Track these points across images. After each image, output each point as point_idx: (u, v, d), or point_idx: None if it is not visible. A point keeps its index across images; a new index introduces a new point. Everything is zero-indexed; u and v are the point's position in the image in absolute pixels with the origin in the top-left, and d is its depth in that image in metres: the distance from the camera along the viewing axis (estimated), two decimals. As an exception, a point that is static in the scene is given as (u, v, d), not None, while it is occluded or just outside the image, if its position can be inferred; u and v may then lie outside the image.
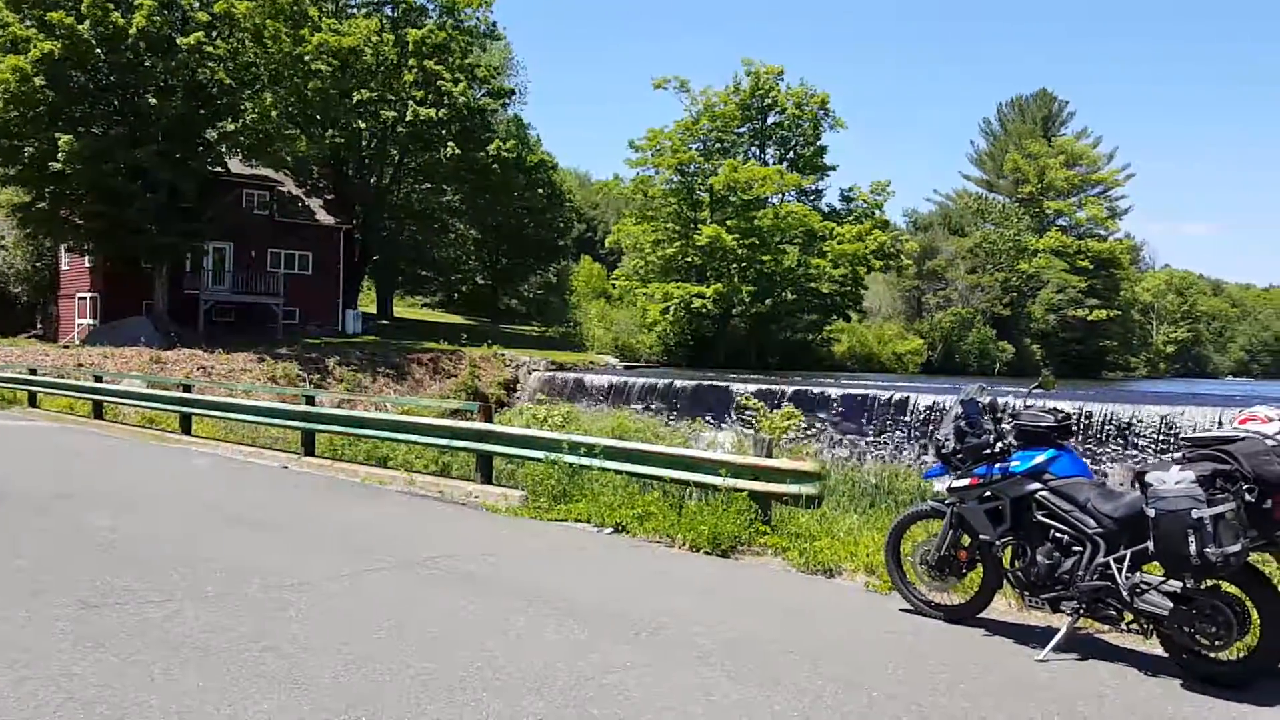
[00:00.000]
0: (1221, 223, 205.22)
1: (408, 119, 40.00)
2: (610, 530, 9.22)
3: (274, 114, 35.66)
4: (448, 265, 55.66)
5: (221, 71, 33.54)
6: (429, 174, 45.22)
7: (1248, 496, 4.80)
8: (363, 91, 40.07)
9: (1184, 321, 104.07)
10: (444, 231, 49.92)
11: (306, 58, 37.90)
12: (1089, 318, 64.73)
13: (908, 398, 20.78)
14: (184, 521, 9.02)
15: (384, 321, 47.77)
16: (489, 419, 12.25)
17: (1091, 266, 65.77)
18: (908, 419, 20.33)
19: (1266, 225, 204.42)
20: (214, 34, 33.84)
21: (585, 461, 10.29)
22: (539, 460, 10.87)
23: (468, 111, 42.01)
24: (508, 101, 50.20)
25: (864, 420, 21.11)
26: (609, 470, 10.15)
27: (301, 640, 5.30)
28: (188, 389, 19.04)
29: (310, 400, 15.80)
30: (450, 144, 41.41)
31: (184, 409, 17.79)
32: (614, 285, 51.66)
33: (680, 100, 50.42)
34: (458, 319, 52.73)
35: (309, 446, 14.87)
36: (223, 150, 36.53)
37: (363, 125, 41.59)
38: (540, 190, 50.89)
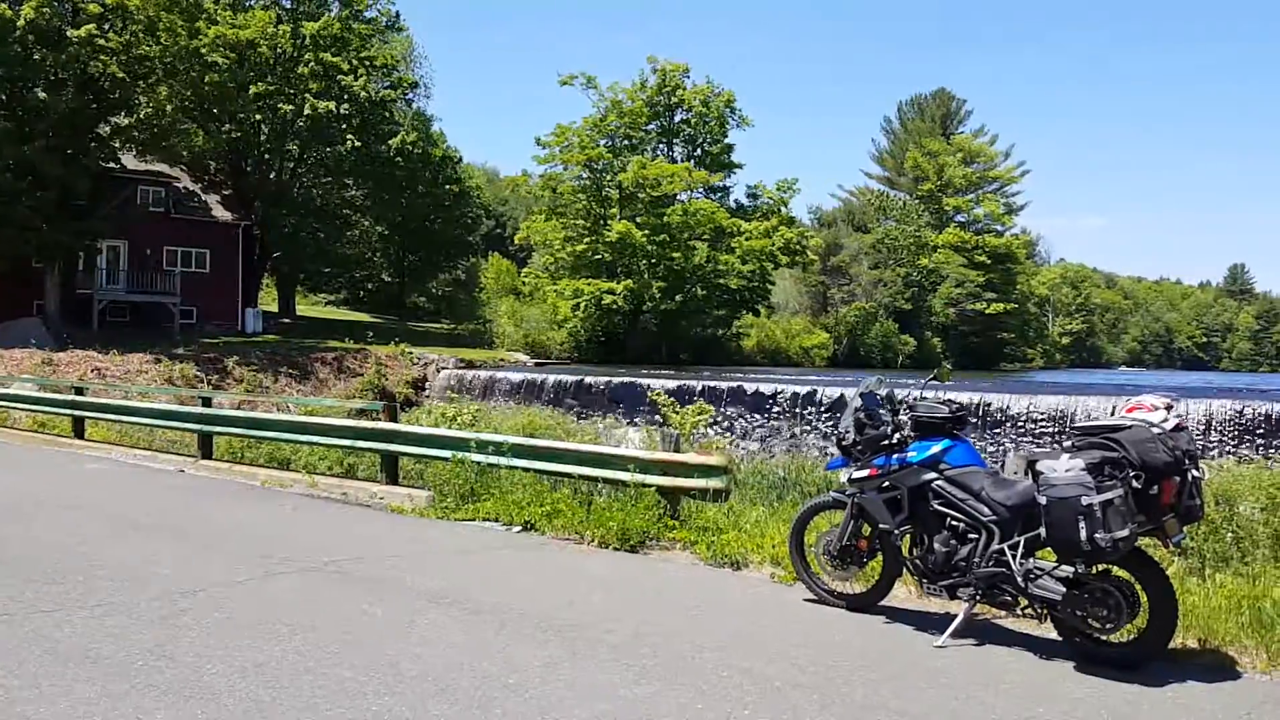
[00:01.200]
0: (1115, 216, 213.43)
1: (306, 112, 39.12)
2: (519, 529, 9.18)
3: (169, 108, 34.54)
4: (352, 262, 54.64)
5: (114, 65, 32.31)
6: (330, 169, 44.33)
7: (1135, 483, 4.96)
8: (260, 85, 39.06)
9: (1078, 314, 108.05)
10: (347, 228, 48.99)
11: (203, 50, 36.78)
12: (987, 311, 66.67)
13: (814, 391, 21.12)
14: (75, 528, 8.70)
15: (286, 320, 46.71)
16: (394, 418, 12.08)
17: (989, 261, 67.78)
18: (815, 412, 20.66)
19: (1157, 218, 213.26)
20: (106, 26, 32.57)
21: (494, 460, 10.22)
22: (446, 459, 10.75)
23: (368, 105, 41.29)
24: (410, 95, 49.50)
25: (773, 414, 21.39)
26: (518, 468, 10.11)
27: (198, 648, 5.17)
28: (81, 391, 18.38)
29: (207, 402, 15.39)
30: (350, 138, 40.65)
31: (77, 412, 17.17)
32: (524, 282, 51.34)
33: (588, 97, 50.22)
34: (363, 317, 51.83)
35: (206, 449, 14.49)
36: (116, 145, 35.25)
37: (260, 119, 40.55)
38: (447, 186, 50.29)
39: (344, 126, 40.97)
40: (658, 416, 19.08)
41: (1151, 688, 4.87)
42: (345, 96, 40.31)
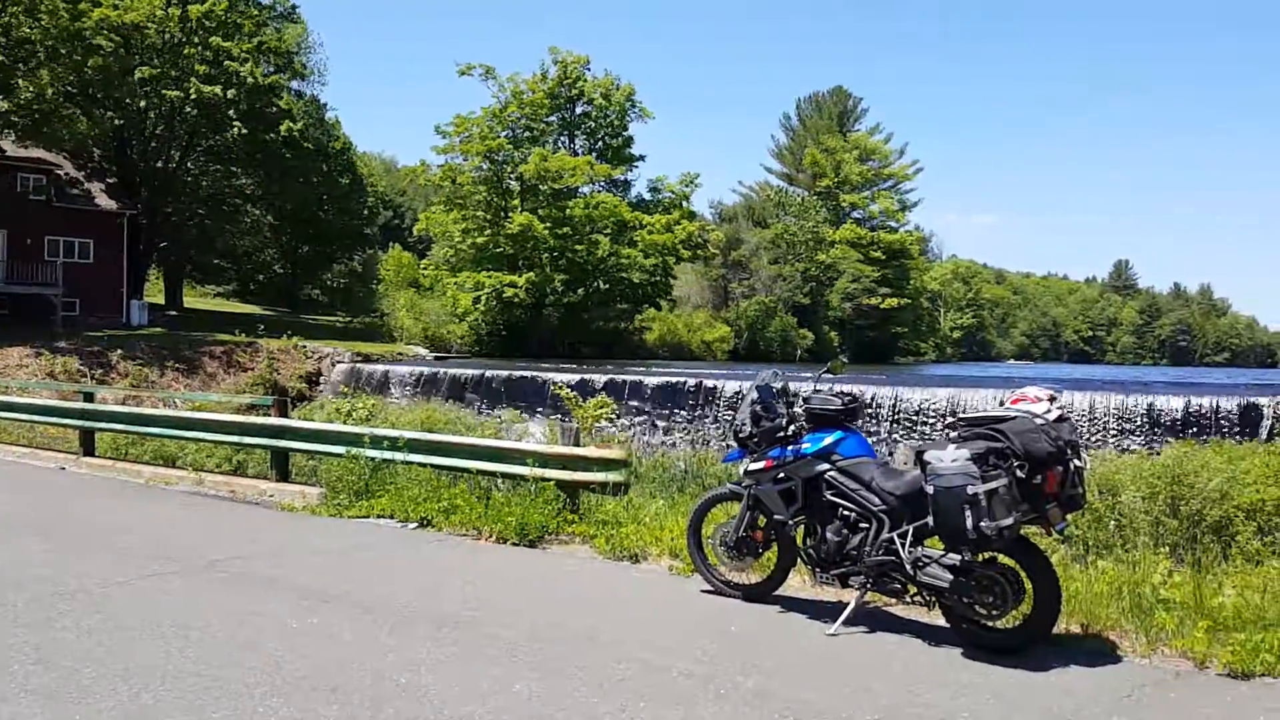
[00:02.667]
0: (1005, 214, 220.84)
1: (192, 97, 37.77)
2: (414, 525, 9.03)
3: (50, 92, 32.92)
4: (242, 253, 53.04)
5: (-8, 47, 30.73)
6: (219, 156, 42.90)
7: (1019, 472, 5.08)
8: (145, 69, 37.57)
9: (969, 308, 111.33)
10: (237, 217, 47.47)
11: (86, 33, 35.18)
12: (882, 305, 68.20)
13: (715, 384, 21.30)
14: (-61, 533, 8.24)
15: (173, 313, 45.11)
16: (284, 413, 11.78)
17: (884, 257, 69.35)
18: (716, 405, 20.84)
19: (1046, 216, 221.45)
20: (-16, 8, 30.97)
21: (388, 455, 10.03)
22: (339, 455, 10.51)
23: (256, 91, 40.09)
24: (304, 82, 48.23)
25: (675, 407, 21.50)
26: (414, 464, 9.94)
27: (76, 652, 4.95)
28: (-51, 387, 17.45)
29: (90, 397, 14.77)
30: (237, 125, 39.41)
31: (-53, 409, 16.28)
32: (424, 274, 50.55)
33: (487, 88, 49.61)
34: (255, 309, 50.37)
35: (89, 446, 13.95)
36: (-5, 131, 33.59)
37: (146, 104, 39.02)
38: (342, 177, 49.16)
39: (231, 112, 39.68)
40: (560, 410, 19.01)
41: (1036, 672, 5.01)
42: (233, 82, 39.06)
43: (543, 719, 4.23)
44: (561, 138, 50.35)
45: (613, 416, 20.23)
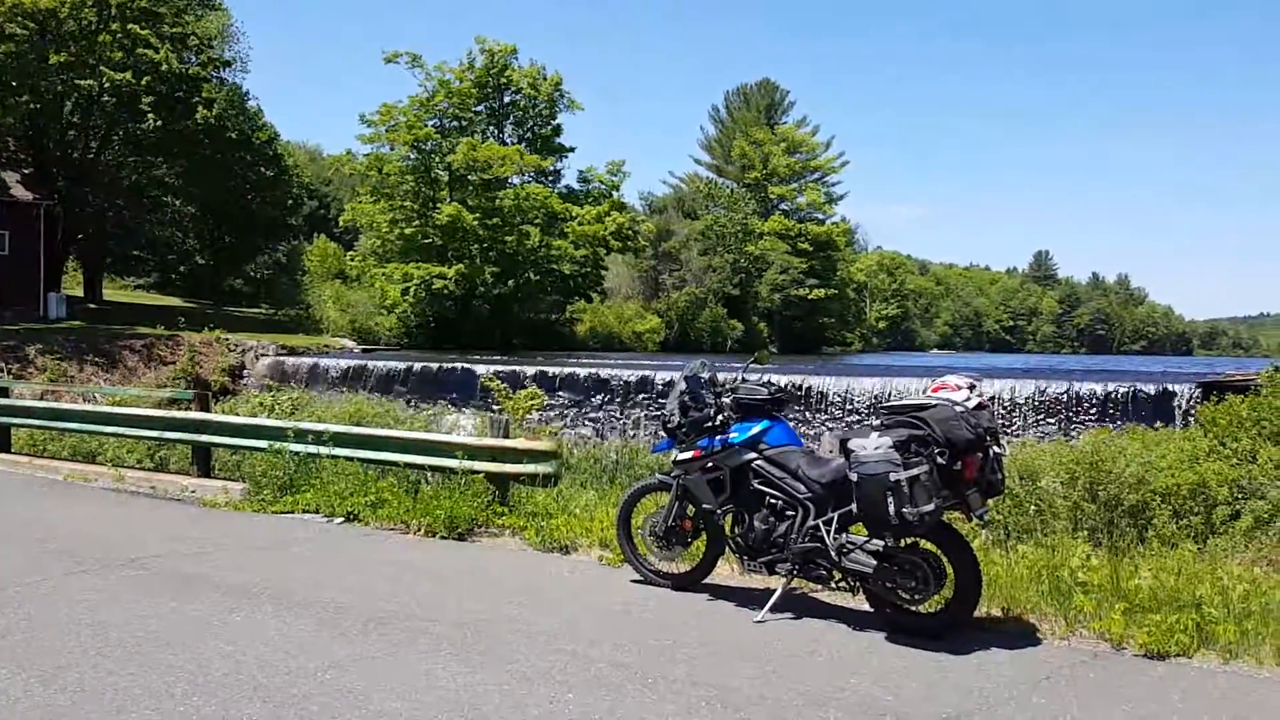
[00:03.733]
0: (928, 206, 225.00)
1: (108, 85, 36.60)
2: (340, 520, 8.90)
3: (-41, 80, 31.68)
4: (163, 244, 51.57)
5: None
6: (138, 146, 41.63)
7: (940, 459, 5.18)
8: (60, 55, 36.29)
9: (894, 299, 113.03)
10: (158, 208, 46.15)
11: (-2, 20, 33.92)
12: (809, 296, 68.91)
13: (646, 375, 21.33)
14: None
15: (92, 305, 43.68)
16: (206, 407, 11.53)
17: (811, 249, 70.04)
18: (647, 396, 20.87)
19: (967, 208, 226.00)
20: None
21: (313, 450, 9.86)
22: (263, 450, 10.31)
23: (176, 80, 38.99)
24: (226, 71, 47.00)
25: (606, 398, 21.49)
26: (340, 458, 9.78)
27: (-17, 658, 4.79)
28: None
29: (5, 392, 14.39)
30: (155, 115, 38.29)
31: None
32: (351, 265, 49.66)
33: (414, 76, 48.84)
34: (176, 302, 49.00)
35: (4, 443, 13.57)
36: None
37: (63, 92, 37.70)
38: (265, 166, 48.06)
39: (150, 101, 38.53)
40: (491, 402, 18.86)
41: (957, 655, 5.11)
42: (151, 70, 37.92)
43: (471, 713, 4.19)
44: (490, 127, 49.83)
45: (543, 408, 20.16)
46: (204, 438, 11.03)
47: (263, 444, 10.32)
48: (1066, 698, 4.51)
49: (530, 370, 22.68)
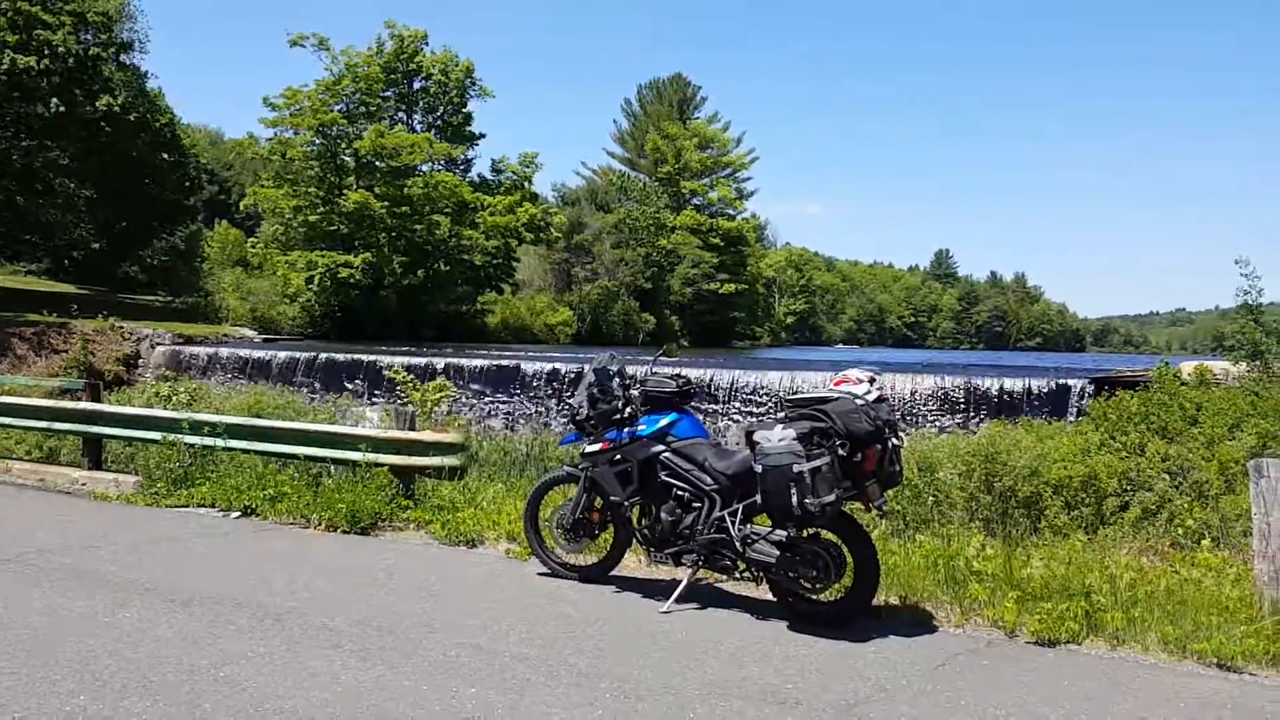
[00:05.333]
0: (834, 203, 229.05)
1: (4, 67, 34.89)
2: (237, 514, 8.66)
3: None
4: (55, 229, 49.43)
5: None
6: (30, 129, 39.81)
7: (841, 451, 5.27)
8: (-55, 32, 34.50)
9: (801, 295, 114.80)
10: (50, 193, 44.23)
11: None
12: (720, 291, 69.49)
13: (557, 367, 21.25)
14: None
15: (-23, 291, 41.74)
16: (97, 398, 11.09)
17: (722, 244, 70.63)
18: (559, 388, 20.80)
19: (871, 206, 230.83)
20: None
21: (210, 442, 9.57)
22: (158, 442, 9.98)
23: (73, 62, 37.38)
24: (125, 52, 45.24)
25: (517, 390, 21.35)
26: (238, 450, 9.52)
27: None
28: None
29: (-124, 382, 13.56)
30: (54, 97, 36.65)
31: None
32: (252, 252, 48.31)
33: (320, 59, 47.59)
34: (69, 288, 47.00)
35: (-123, 435, 12.77)
36: None
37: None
38: (164, 150, 46.41)
39: (45, 84, 36.85)
40: (400, 395, 18.58)
41: (856, 643, 5.21)
42: (46, 51, 36.28)
43: (368, 709, 4.12)
44: (399, 113, 49.00)
45: (453, 400, 19.93)
46: (95, 429, 10.62)
47: (157, 436, 9.98)
48: (961, 684, 4.63)
49: (440, 362, 22.41)
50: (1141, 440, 9.12)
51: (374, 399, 21.53)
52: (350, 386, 23.03)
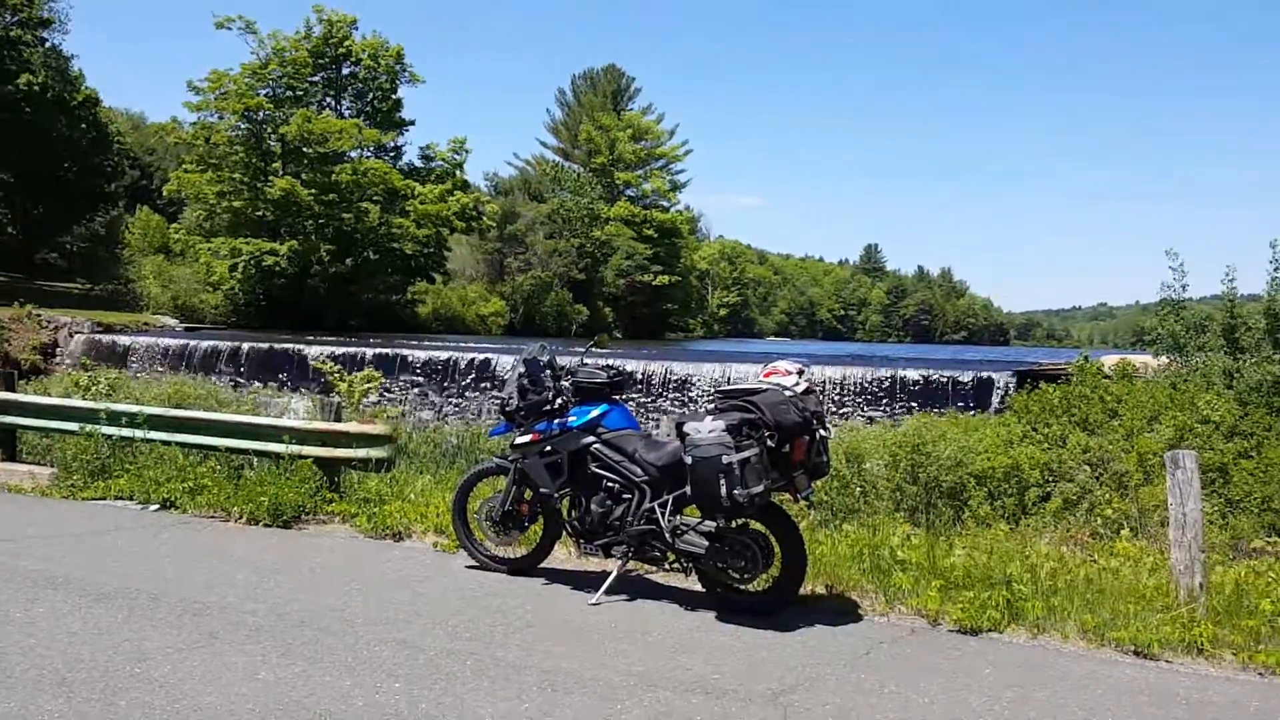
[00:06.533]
0: (767, 197, 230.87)
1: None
2: (156, 507, 8.43)
3: None
4: (-33, 214, 47.69)
5: None
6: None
7: (770, 442, 5.31)
8: None
9: (735, 287, 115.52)
10: (-37, 176, 42.62)
11: None
12: (654, 283, 69.60)
13: (490, 358, 21.09)
14: None
15: (-115, 278, 40.07)
16: (10, 387, 10.72)
17: (656, 235, 70.72)
18: (490, 379, 20.64)
19: (804, 200, 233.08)
20: None
21: (128, 433, 9.31)
22: (74, 433, 9.68)
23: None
24: (44, 31, 43.71)
25: (448, 381, 21.13)
26: (157, 442, 9.26)
27: None
28: None
29: None
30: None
31: None
32: (175, 239, 47.07)
33: (247, 43, 46.51)
34: (-18, 275, 45.50)
35: None
36: None
37: None
38: (84, 133, 44.98)
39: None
40: (328, 386, 18.26)
41: (783, 632, 5.26)
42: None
43: (290, 705, 4.04)
44: (327, 99, 48.13)
45: (382, 391, 19.65)
46: (8, 419, 10.28)
47: (74, 426, 9.69)
48: (885, 672, 4.69)
49: (369, 352, 22.10)
50: (1063, 432, 9.34)
51: (301, 390, 21.15)
52: (275, 377, 22.61)
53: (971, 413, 12.87)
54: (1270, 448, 8.68)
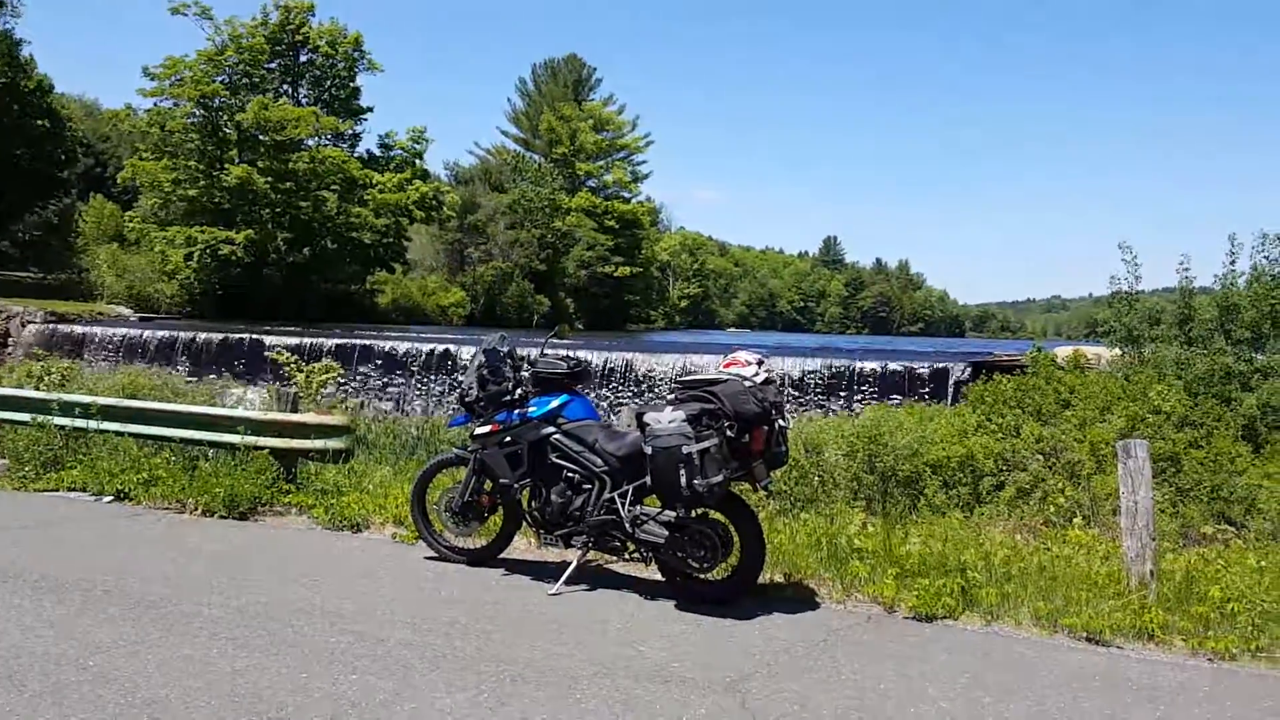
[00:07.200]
0: (727, 189, 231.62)
1: None
2: (110, 499, 8.32)
3: None
4: (-82, 202, 46.54)
5: None
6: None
7: (729, 432, 5.33)
8: None
9: (695, 279, 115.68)
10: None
11: None
12: (615, 274, 69.51)
13: (450, 349, 20.98)
14: None
15: None
16: (-42, 378, 10.50)
17: (617, 226, 70.59)
18: (451, 370, 20.53)
19: (763, 192, 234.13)
20: None
21: (81, 423, 9.17)
22: (26, 423, 9.51)
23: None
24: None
25: (408, 372, 20.99)
26: (111, 432, 9.13)
27: None
28: None
29: None
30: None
31: None
32: (129, 227, 46.27)
33: (203, 29, 45.71)
34: (-71, 264, 44.47)
35: None
36: None
37: None
38: (36, 119, 44.04)
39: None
40: (286, 376, 18.09)
41: (742, 620, 5.30)
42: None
43: (245, 697, 4.01)
44: (285, 86, 47.48)
45: (341, 382, 19.49)
46: (-45, 410, 10.07)
47: (26, 417, 9.53)
48: (842, 659, 4.75)
49: (328, 342, 21.89)
50: (1017, 422, 9.47)
51: (257, 381, 20.92)
52: (231, 368, 22.34)
53: (928, 403, 13.00)
54: (1220, 437, 8.88)
